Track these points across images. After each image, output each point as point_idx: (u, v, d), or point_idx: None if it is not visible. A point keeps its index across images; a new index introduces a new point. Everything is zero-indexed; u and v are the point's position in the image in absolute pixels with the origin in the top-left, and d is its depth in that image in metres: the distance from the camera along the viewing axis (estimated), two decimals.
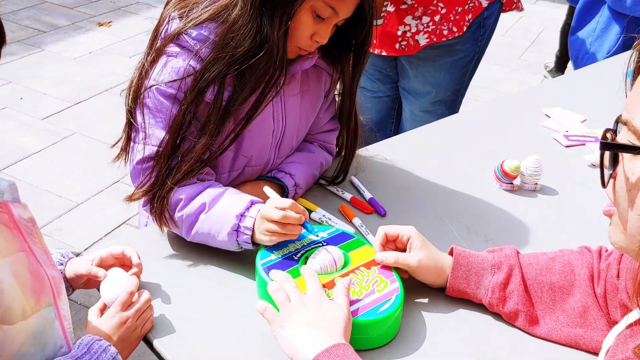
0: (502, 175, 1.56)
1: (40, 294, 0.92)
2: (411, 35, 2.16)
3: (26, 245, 0.92)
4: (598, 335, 1.09)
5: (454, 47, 2.24)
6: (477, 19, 2.22)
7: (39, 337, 0.92)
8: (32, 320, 0.89)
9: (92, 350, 0.99)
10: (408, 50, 2.19)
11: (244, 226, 1.20)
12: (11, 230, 0.90)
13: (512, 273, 1.15)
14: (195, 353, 1.09)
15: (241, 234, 1.20)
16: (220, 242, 1.23)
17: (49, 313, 0.94)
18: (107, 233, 2.90)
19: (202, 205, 1.24)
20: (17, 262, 0.89)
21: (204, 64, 1.22)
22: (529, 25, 5.70)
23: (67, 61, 4.50)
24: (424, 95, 2.36)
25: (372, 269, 1.18)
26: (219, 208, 1.23)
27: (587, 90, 2.17)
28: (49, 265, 0.96)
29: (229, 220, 1.21)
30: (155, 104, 1.25)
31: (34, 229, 0.95)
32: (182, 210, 1.25)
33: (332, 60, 1.42)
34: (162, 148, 1.24)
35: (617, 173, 0.81)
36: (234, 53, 1.20)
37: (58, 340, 0.97)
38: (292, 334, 1.00)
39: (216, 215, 1.22)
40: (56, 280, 0.97)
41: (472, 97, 4.35)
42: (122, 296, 1.09)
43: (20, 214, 0.93)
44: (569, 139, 1.83)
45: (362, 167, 1.61)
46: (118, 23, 5.21)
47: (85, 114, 3.87)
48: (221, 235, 1.22)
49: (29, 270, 0.90)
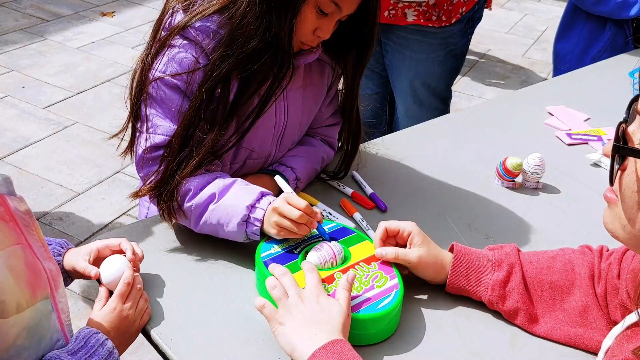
0: (504, 172, 1.56)
1: (36, 287, 0.91)
2: (402, 7, 2.15)
3: (23, 238, 0.92)
4: (598, 335, 1.09)
5: (447, 40, 2.23)
6: (469, 12, 2.22)
7: (35, 330, 0.91)
8: (27, 314, 0.88)
9: (88, 344, 0.99)
10: (395, 19, 2.19)
11: (254, 217, 1.20)
12: (7, 223, 0.90)
13: (512, 271, 1.15)
14: (193, 345, 1.09)
15: (251, 225, 1.20)
16: (228, 232, 1.23)
17: (45, 306, 0.93)
18: (107, 223, 2.89)
19: (211, 196, 1.23)
20: (12, 255, 0.88)
21: (212, 61, 1.21)
22: (533, 23, 5.68)
23: (70, 50, 4.50)
24: (416, 89, 2.35)
25: (372, 265, 1.18)
26: (229, 198, 1.22)
27: (591, 88, 2.16)
28: (46, 258, 0.95)
29: (239, 211, 1.20)
30: (161, 95, 1.24)
31: (31, 222, 0.94)
32: (191, 201, 1.24)
33: (336, 55, 1.41)
34: (171, 139, 1.24)
35: (626, 168, 0.81)
36: (243, 49, 1.19)
37: (55, 333, 0.96)
38: (290, 331, 0.99)
39: (226, 205, 1.22)
40: (53, 273, 0.96)
41: (475, 94, 4.35)
42: (120, 288, 1.09)
43: (16, 207, 0.92)
44: (572, 138, 1.82)
45: (364, 162, 1.60)
46: (122, 13, 5.20)
47: (87, 104, 3.86)
48: (230, 226, 1.21)
49: (25, 263, 0.90)
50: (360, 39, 1.35)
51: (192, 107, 1.22)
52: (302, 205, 1.16)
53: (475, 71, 4.65)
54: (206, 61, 1.22)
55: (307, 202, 1.18)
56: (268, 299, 1.05)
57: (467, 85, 4.42)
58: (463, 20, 2.22)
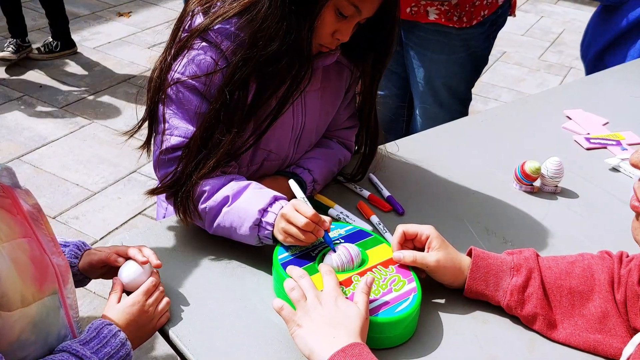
0: (523, 176, 1.55)
1: (42, 282, 0.90)
2: (424, 4, 2.15)
3: (31, 231, 0.91)
4: (617, 342, 1.08)
5: (468, 42, 2.23)
6: (492, 16, 2.21)
7: (41, 325, 0.90)
8: (33, 308, 0.88)
9: (101, 334, 0.99)
10: (416, 16, 2.19)
11: (265, 221, 1.20)
12: (14, 216, 0.89)
13: (531, 276, 1.14)
14: (211, 346, 1.09)
15: (262, 229, 1.20)
16: (241, 235, 1.23)
17: (53, 301, 0.93)
18: (122, 223, 2.91)
19: (225, 198, 1.23)
20: (17, 249, 0.87)
21: (233, 64, 1.21)
22: (549, 26, 5.65)
23: (87, 50, 4.52)
24: (436, 89, 2.34)
25: (390, 268, 1.17)
26: (242, 202, 1.23)
27: (609, 92, 2.15)
28: (54, 253, 0.95)
29: (251, 215, 1.20)
30: (180, 96, 1.25)
31: (39, 215, 0.94)
32: (205, 202, 1.25)
33: (354, 58, 1.41)
34: (189, 141, 1.24)
35: None
36: (264, 52, 1.19)
37: (62, 329, 0.96)
38: (309, 334, 0.99)
39: (239, 209, 1.22)
40: (62, 268, 0.96)
41: (492, 97, 4.33)
42: (147, 284, 1.10)
43: (25, 200, 0.92)
44: (590, 142, 1.81)
45: (381, 165, 1.60)
46: (138, 14, 5.23)
47: (103, 104, 3.88)
48: (243, 229, 1.21)
49: (31, 257, 0.89)
50: (379, 42, 1.35)
51: (211, 109, 1.22)
52: (310, 213, 1.16)
53: (491, 73, 4.63)
54: (225, 63, 1.23)
55: (314, 211, 1.17)
56: (286, 301, 1.05)
57: (483, 88, 4.41)
58: (485, 24, 2.21)
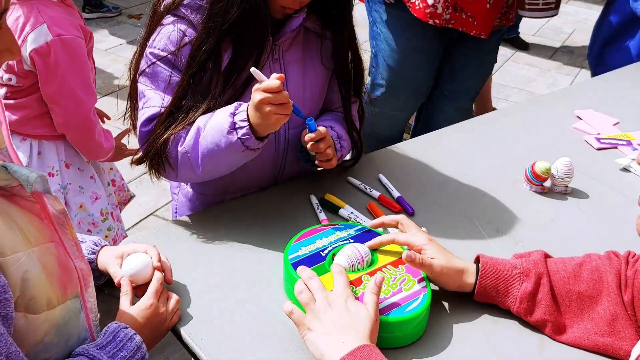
0: (533, 176, 1.55)
1: (67, 286, 0.92)
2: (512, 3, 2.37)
3: (57, 236, 0.93)
4: (626, 345, 1.08)
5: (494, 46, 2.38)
6: None
7: (64, 328, 0.92)
8: (57, 311, 0.90)
9: (117, 338, 1.00)
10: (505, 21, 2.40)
11: (239, 120, 1.23)
12: (42, 221, 0.91)
13: (540, 282, 1.14)
14: (222, 346, 1.10)
15: (239, 129, 1.23)
16: (226, 150, 1.25)
17: (75, 305, 0.94)
18: (135, 223, 2.92)
19: (197, 130, 1.28)
20: (46, 252, 0.89)
21: (197, 35, 1.27)
22: (560, 26, 5.63)
23: (98, 52, 4.54)
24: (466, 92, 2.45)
25: (400, 268, 1.18)
26: (212, 121, 1.27)
27: (620, 92, 2.14)
28: (78, 257, 0.97)
29: (223, 122, 1.24)
30: (154, 70, 1.32)
31: (65, 221, 0.95)
32: (183, 144, 1.29)
33: (325, 22, 1.42)
34: (164, 109, 1.30)
35: None
36: (224, 21, 1.25)
37: (82, 332, 0.98)
38: (319, 337, 0.99)
39: (212, 126, 1.26)
40: (84, 272, 0.98)
41: (502, 97, 4.32)
42: (155, 285, 1.11)
43: (52, 205, 0.94)
44: (601, 142, 1.81)
45: (391, 165, 1.60)
46: (148, 16, 5.24)
47: (115, 105, 3.89)
48: (223, 141, 1.24)
49: (58, 261, 0.91)
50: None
51: (183, 78, 1.29)
52: (276, 76, 1.19)
53: (501, 74, 4.62)
54: (194, 35, 1.29)
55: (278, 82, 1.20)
56: (295, 302, 1.06)
57: (493, 88, 4.39)
58: None
